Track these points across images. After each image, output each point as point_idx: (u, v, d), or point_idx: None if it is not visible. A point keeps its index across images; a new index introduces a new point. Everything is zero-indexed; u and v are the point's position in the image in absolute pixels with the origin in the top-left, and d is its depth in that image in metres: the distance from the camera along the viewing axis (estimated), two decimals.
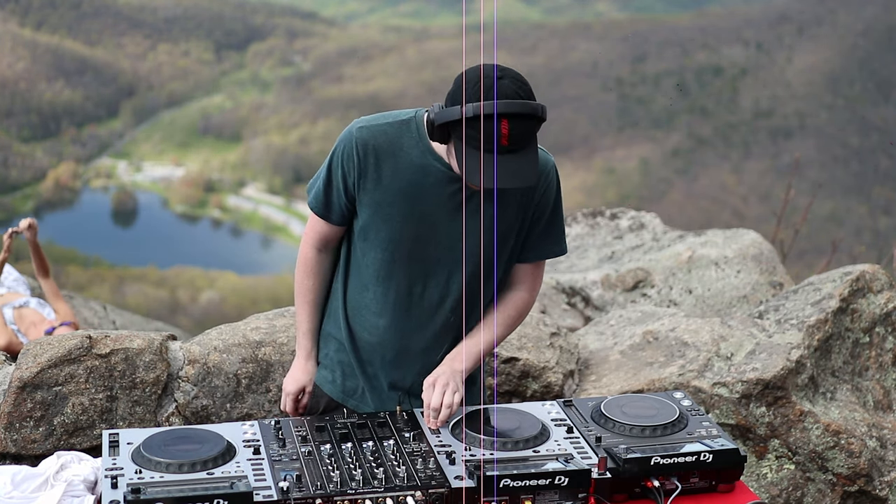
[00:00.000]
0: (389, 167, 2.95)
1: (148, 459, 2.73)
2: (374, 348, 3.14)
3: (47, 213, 42.48)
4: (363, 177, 2.97)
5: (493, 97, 2.70)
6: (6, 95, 47.03)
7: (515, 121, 2.71)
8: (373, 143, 2.95)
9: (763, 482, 4.08)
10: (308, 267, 3.19)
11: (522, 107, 2.71)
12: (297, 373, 3.28)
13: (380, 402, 3.19)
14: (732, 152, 40.02)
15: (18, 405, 3.74)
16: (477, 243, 3.01)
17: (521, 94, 2.73)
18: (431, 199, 2.95)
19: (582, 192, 37.40)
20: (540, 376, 4.19)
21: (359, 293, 3.12)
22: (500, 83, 2.73)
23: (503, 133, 2.70)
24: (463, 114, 2.71)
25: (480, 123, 2.70)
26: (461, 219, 2.97)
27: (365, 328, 3.14)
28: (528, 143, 2.75)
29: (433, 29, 51.07)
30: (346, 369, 3.21)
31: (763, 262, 5.88)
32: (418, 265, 3.02)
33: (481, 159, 2.73)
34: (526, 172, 2.76)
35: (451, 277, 3.04)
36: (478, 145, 2.72)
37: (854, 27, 44.52)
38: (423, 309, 3.08)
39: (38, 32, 51.06)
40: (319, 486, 2.68)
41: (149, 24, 54.20)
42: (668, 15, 51.76)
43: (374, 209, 2.99)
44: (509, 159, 2.73)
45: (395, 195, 2.96)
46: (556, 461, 2.77)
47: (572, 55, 46.17)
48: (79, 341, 3.82)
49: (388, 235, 3.00)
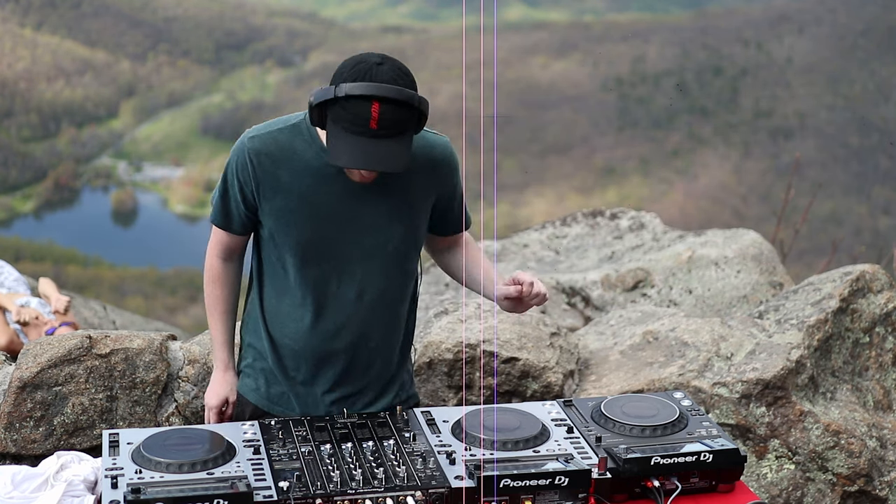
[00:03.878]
0: (286, 173, 2.95)
1: (148, 459, 2.73)
2: (296, 354, 3.12)
3: (47, 213, 42.49)
4: (261, 186, 2.97)
5: (370, 80, 2.71)
6: (6, 95, 47.04)
7: (387, 105, 2.71)
8: (266, 152, 2.95)
9: (763, 482, 4.08)
10: (215, 277, 3.18)
11: (396, 92, 2.72)
12: (217, 385, 3.26)
13: (306, 406, 3.17)
14: (732, 152, 40.01)
15: (18, 405, 3.74)
16: (387, 234, 3.02)
17: (398, 82, 2.74)
18: (332, 197, 2.95)
19: (582, 192, 37.41)
20: (540, 376, 4.19)
21: (276, 300, 3.11)
22: (379, 68, 2.74)
23: (373, 116, 2.70)
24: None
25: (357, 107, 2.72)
26: (366, 211, 2.98)
27: (285, 335, 3.12)
28: (398, 130, 2.75)
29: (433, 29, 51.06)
30: (269, 376, 3.18)
31: (763, 262, 5.88)
32: (330, 264, 3.02)
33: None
34: (391, 159, 2.75)
35: (365, 272, 3.04)
36: (348, 126, 2.73)
37: (854, 27, 44.51)
38: (341, 307, 3.06)
39: (38, 32, 51.06)
40: (319, 486, 2.68)
41: (149, 24, 54.20)
42: (668, 15, 51.76)
43: (278, 216, 2.99)
44: (377, 143, 2.73)
45: (296, 199, 2.96)
46: (556, 461, 2.77)
47: (572, 55, 46.16)
48: (79, 341, 3.82)
49: (295, 240, 3.00)
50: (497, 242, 7.01)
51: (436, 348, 4.16)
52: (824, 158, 36.85)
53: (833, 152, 37.87)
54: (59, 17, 52.75)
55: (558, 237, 6.99)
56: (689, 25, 48.42)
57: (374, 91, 2.70)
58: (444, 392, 4.19)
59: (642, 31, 48.29)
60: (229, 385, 3.26)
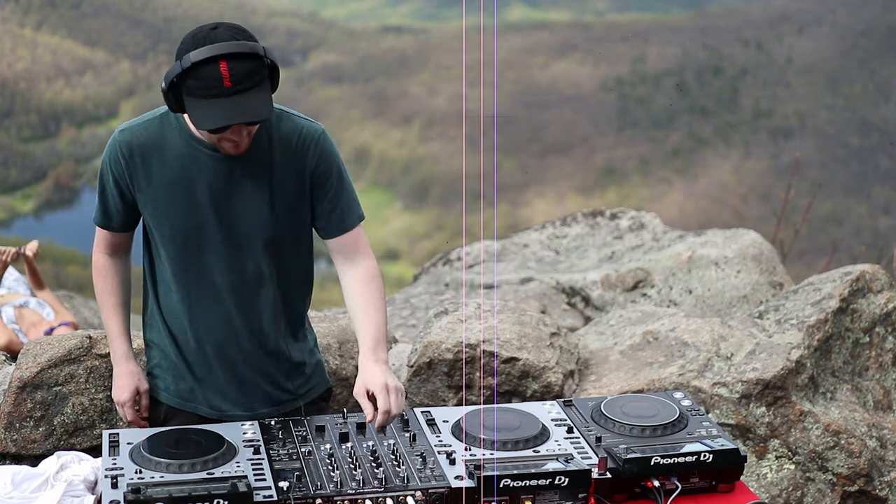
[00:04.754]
0: (156, 163, 2.96)
1: (148, 459, 2.73)
2: (195, 348, 3.12)
3: (47, 213, 42.47)
4: (134, 178, 2.98)
5: (211, 43, 2.73)
6: (6, 95, 47.02)
7: (234, 61, 2.73)
8: (136, 143, 2.96)
9: (763, 482, 4.08)
10: (102, 272, 3.19)
11: (238, 46, 2.74)
12: (122, 380, 3.24)
13: (210, 400, 3.16)
14: (732, 152, 40.00)
15: (18, 405, 3.74)
16: (259, 222, 3.00)
17: (237, 38, 2.77)
18: (205, 184, 2.95)
19: (582, 192, 37.40)
20: (540, 376, 4.19)
21: (166, 296, 3.12)
22: (216, 32, 2.77)
23: (224, 75, 2.72)
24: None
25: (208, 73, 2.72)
26: (239, 197, 2.97)
27: (181, 330, 3.12)
28: (253, 82, 2.76)
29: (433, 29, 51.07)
30: (175, 373, 3.18)
31: (763, 262, 5.88)
32: (209, 253, 3.02)
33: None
34: (255, 108, 2.76)
35: (245, 258, 3.03)
36: (203, 93, 2.74)
37: (854, 27, 44.50)
38: (227, 296, 3.06)
39: (38, 32, 51.04)
40: (319, 486, 2.68)
41: (149, 24, 54.18)
42: (668, 15, 51.74)
43: (153, 207, 3.00)
44: (238, 100, 2.74)
45: (168, 189, 2.96)
46: (556, 461, 2.77)
47: (572, 55, 46.15)
48: (79, 341, 3.82)
49: (171, 231, 3.00)
50: (497, 242, 7.01)
51: (436, 348, 4.16)
52: (824, 158, 36.84)
53: (833, 152, 37.85)
54: (59, 17, 52.73)
55: (558, 237, 6.99)
56: (689, 25, 48.39)
57: (218, 51, 2.72)
58: (444, 392, 4.19)
59: (642, 31, 48.27)
60: (135, 374, 3.23)
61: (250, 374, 3.15)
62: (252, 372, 3.15)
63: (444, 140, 37.76)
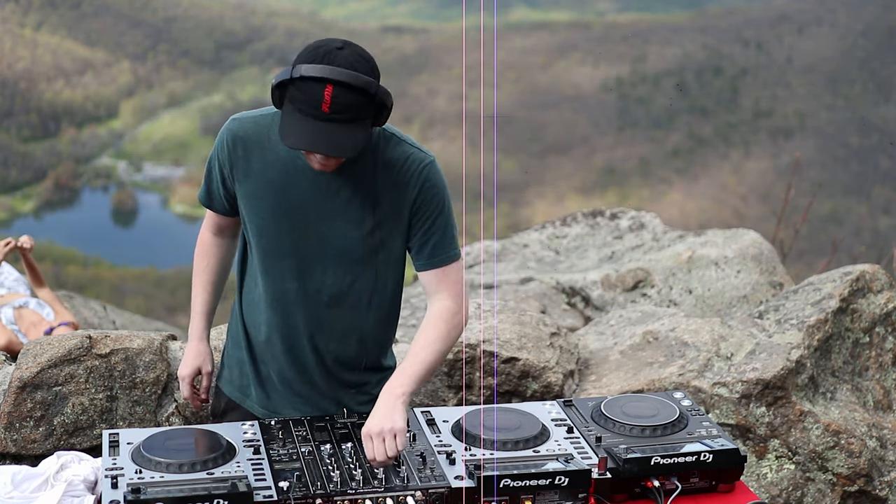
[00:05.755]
0: (258, 159, 2.95)
1: (148, 459, 2.73)
2: (263, 346, 3.11)
3: (47, 213, 42.48)
4: (234, 168, 2.97)
5: (328, 64, 2.69)
6: (6, 95, 47.02)
7: (341, 89, 2.68)
8: (241, 135, 2.95)
9: (763, 482, 4.08)
10: (203, 248, 3.21)
11: (350, 77, 2.68)
12: (189, 356, 3.25)
13: (269, 402, 3.14)
14: (732, 152, 40.00)
15: (18, 405, 3.74)
16: (349, 237, 2.96)
17: (356, 68, 2.71)
18: (300, 191, 2.93)
19: (582, 192, 37.40)
20: (540, 376, 4.19)
21: (251, 288, 3.11)
22: (339, 53, 2.72)
23: (325, 99, 2.68)
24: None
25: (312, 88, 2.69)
26: (333, 212, 2.93)
27: (254, 324, 3.11)
28: (351, 115, 2.71)
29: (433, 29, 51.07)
30: (242, 367, 3.18)
31: (763, 262, 5.88)
32: (292, 260, 2.99)
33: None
34: (340, 144, 2.72)
35: (325, 272, 2.99)
36: (301, 108, 2.71)
37: (854, 27, 44.51)
38: (300, 306, 3.02)
39: (38, 32, 51.05)
40: (319, 486, 2.68)
41: (149, 24, 54.18)
42: (668, 15, 51.74)
43: (247, 201, 2.99)
44: (328, 128, 2.70)
45: (263, 187, 2.95)
46: (556, 461, 2.78)
47: (572, 55, 46.16)
48: (79, 341, 3.82)
49: (258, 229, 2.99)
50: (497, 242, 7.01)
51: None
52: (824, 158, 36.84)
53: (833, 152, 37.86)
54: (59, 17, 52.72)
55: (558, 237, 6.99)
56: (689, 25, 48.41)
57: (329, 74, 2.68)
58: (444, 392, 4.19)
59: (642, 31, 48.28)
60: (201, 356, 3.24)
61: (309, 388, 3.11)
62: (310, 386, 3.11)
63: (444, 140, 37.75)
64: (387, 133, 2.94)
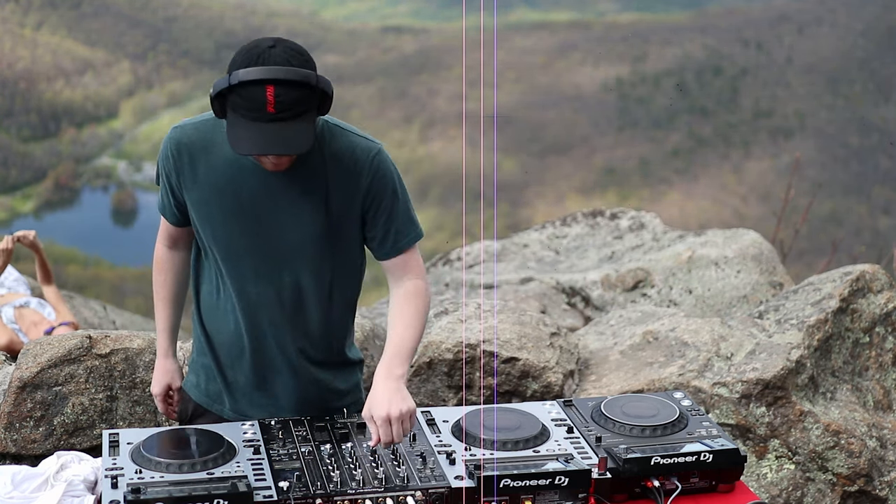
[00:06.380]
0: (203, 165, 2.92)
1: (148, 459, 2.73)
2: (228, 350, 3.10)
3: (47, 213, 42.47)
4: (181, 176, 2.95)
5: (262, 64, 2.66)
6: (6, 95, 47.02)
7: (282, 87, 2.66)
8: (185, 142, 2.93)
9: (763, 482, 4.08)
10: (159, 264, 3.21)
11: (289, 73, 2.66)
12: (158, 373, 3.27)
13: (238, 405, 3.13)
14: (732, 152, 40.00)
15: (18, 405, 3.74)
16: (303, 234, 2.94)
17: (291, 63, 2.68)
18: (250, 193, 2.91)
19: (582, 192, 37.40)
20: (540, 376, 4.19)
21: (208, 293, 3.10)
22: (272, 51, 2.69)
23: (268, 99, 2.65)
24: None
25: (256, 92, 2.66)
26: (285, 211, 2.92)
27: (217, 330, 3.10)
28: (298, 111, 2.69)
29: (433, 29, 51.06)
30: (207, 372, 3.17)
31: (763, 262, 5.88)
32: (250, 261, 2.97)
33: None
34: (292, 141, 2.69)
35: (285, 270, 2.98)
36: (245, 113, 2.68)
37: (854, 27, 44.51)
38: (262, 307, 3.01)
39: (38, 32, 51.04)
40: (319, 486, 2.68)
41: (149, 24, 54.17)
42: (668, 15, 51.74)
43: (197, 208, 2.97)
44: (276, 127, 2.68)
45: (211, 192, 2.93)
46: (556, 461, 2.78)
47: (572, 55, 46.16)
48: (79, 341, 3.82)
49: (212, 234, 2.97)
50: (497, 242, 7.01)
51: (436, 348, 4.16)
52: (824, 158, 36.84)
53: (833, 152, 37.85)
54: (59, 17, 52.72)
55: (558, 237, 6.99)
56: (689, 25, 48.40)
57: (267, 74, 2.65)
58: (444, 392, 4.19)
59: (642, 31, 48.27)
60: (168, 373, 3.25)
61: (279, 387, 3.11)
62: (280, 385, 3.11)
63: (444, 140, 37.75)
64: (330, 125, 2.93)
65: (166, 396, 3.27)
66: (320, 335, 3.08)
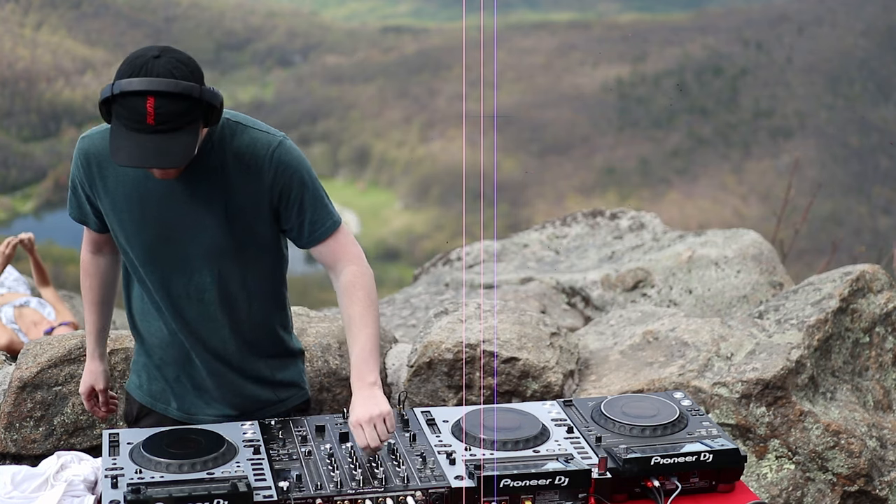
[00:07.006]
0: (111, 173, 2.92)
1: (148, 459, 2.73)
2: (163, 352, 3.12)
3: (47, 213, 42.45)
4: (93, 186, 2.96)
5: (145, 75, 2.64)
6: (6, 95, 47.02)
7: (163, 99, 2.63)
8: (93, 152, 2.93)
9: (763, 482, 4.08)
10: (85, 269, 3.21)
11: (170, 86, 2.63)
12: (84, 375, 3.30)
13: (184, 404, 3.15)
14: (732, 152, 39.99)
15: (18, 405, 3.74)
16: (213, 235, 2.93)
17: (174, 74, 2.65)
18: (157, 199, 2.90)
19: (582, 192, 37.39)
20: (540, 376, 4.19)
21: (138, 296, 3.12)
22: (156, 62, 2.66)
23: (148, 111, 2.62)
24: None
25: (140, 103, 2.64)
26: (190, 215, 2.91)
27: (149, 332, 3.12)
28: (179, 124, 2.66)
29: (433, 29, 51.05)
30: (149, 372, 3.18)
31: (763, 262, 5.88)
32: (165, 266, 2.98)
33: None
34: (168, 155, 2.66)
35: (201, 272, 2.98)
36: (127, 123, 2.66)
37: (854, 27, 44.51)
38: (183, 309, 3.02)
39: (38, 32, 51.04)
40: (319, 486, 2.68)
41: (149, 24, 54.16)
42: (668, 15, 51.73)
43: (111, 216, 2.98)
44: (155, 139, 2.65)
45: (122, 200, 2.93)
46: (556, 461, 2.78)
47: (572, 55, 46.15)
48: (79, 341, 3.82)
49: (126, 240, 2.98)
50: (497, 242, 7.01)
51: (436, 348, 4.16)
52: (824, 158, 36.84)
53: (833, 152, 37.85)
54: (59, 17, 52.72)
55: (558, 237, 6.99)
56: (689, 25, 48.40)
57: (147, 86, 2.63)
58: (444, 392, 4.19)
59: (642, 31, 48.27)
60: (94, 374, 3.28)
61: (218, 383, 3.12)
62: (219, 382, 3.12)
63: (444, 140, 37.75)
64: (232, 123, 2.90)
65: (91, 396, 3.30)
66: (250, 329, 3.09)
